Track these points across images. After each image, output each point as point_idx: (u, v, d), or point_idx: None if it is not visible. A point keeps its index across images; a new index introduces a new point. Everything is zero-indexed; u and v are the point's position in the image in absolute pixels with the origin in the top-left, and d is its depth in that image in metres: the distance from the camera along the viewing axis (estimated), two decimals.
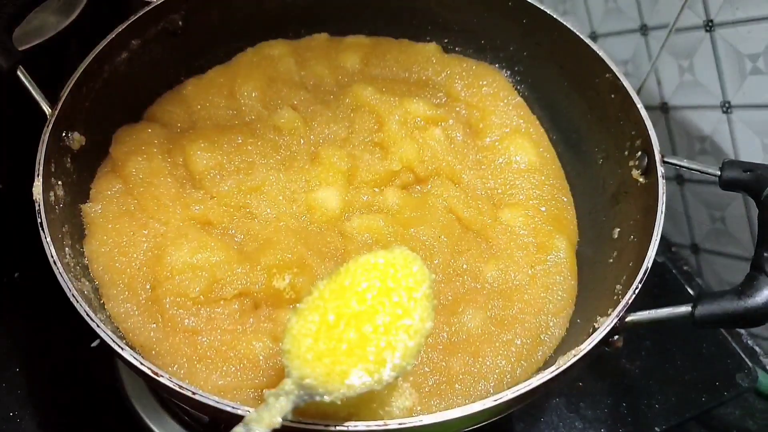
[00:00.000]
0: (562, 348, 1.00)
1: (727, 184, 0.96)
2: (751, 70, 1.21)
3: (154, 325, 0.95)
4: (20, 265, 1.27)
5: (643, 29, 1.40)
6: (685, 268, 1.48)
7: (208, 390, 0.88)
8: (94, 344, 1.12)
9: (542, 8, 1.21)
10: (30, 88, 1.00)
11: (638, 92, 1.42)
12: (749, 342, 1.37)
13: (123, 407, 1.12)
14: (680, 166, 1.00)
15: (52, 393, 1.13)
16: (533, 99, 1.30)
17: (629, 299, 0.87)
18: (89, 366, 1.15)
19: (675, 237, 1.49)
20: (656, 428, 1.18)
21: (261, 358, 0.92)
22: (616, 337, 0.87)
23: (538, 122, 1.26)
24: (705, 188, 1.38)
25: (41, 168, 0.94)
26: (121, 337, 0.93)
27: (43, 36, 1.22)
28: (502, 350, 0.97)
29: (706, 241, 1.42)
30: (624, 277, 0.96)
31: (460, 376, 0.94)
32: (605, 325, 0.85)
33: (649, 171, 1.02)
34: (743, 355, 1.27)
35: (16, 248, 1.27)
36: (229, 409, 0.75)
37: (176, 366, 0.91)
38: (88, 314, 0.82)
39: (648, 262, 0.90)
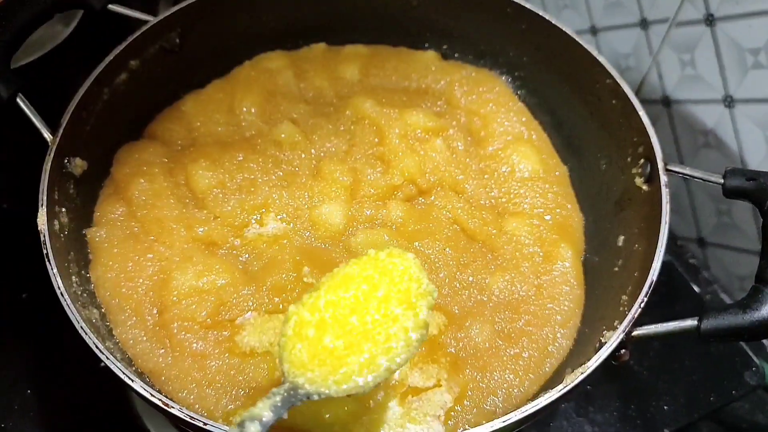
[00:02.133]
0: (570, 359, 1.00)
1: (730, 193, 0.95)
2: (753, 64, 1.20)
3: (163, 351, 0.95)
4: (27, 285, 1.27)
5: (643, 23, 1.39)
6: (691, 261, 1.47)
7: (219, 415, 0.90)
8: (103, 364, 1.13)
9: (541, 14, 1.19)
10: (30, 115, 0.99)
11: (640, 86, 1.42)
12: None
13: (134, 426, 1.12)
14: (683, 174, 0.99)
15: (64, 415, 1.14)
16: (534, 104, 1.29)
17: (635, 314, 0.86)
18: (101, 386, 1.15)
19: (681, 230, 1.48)
20: (665, 429, 1.18)
21: (270, 381, 0.92)
22: (622, 351, 0.87)
23: (540, 128, 1.25)
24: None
25: (44, 197, 0.95)
26: (131, 363, 0.94)
27: (38, 52, 1.21)
28: (510, 364, 0.97)
29: (712, 234, 1.42)
30: (630, 287, 0.96)
31: (469, 392, 0.94)
32: (611, 341, 0.85)
33: (653, 179, 1.01)
34: (751, 353, 1.27)
35: (23, 269, 1.27)
36: None
37: (186, 392, 0.92)
38: (97, 346, 0.84)
39: (653, 274, 0.90)
